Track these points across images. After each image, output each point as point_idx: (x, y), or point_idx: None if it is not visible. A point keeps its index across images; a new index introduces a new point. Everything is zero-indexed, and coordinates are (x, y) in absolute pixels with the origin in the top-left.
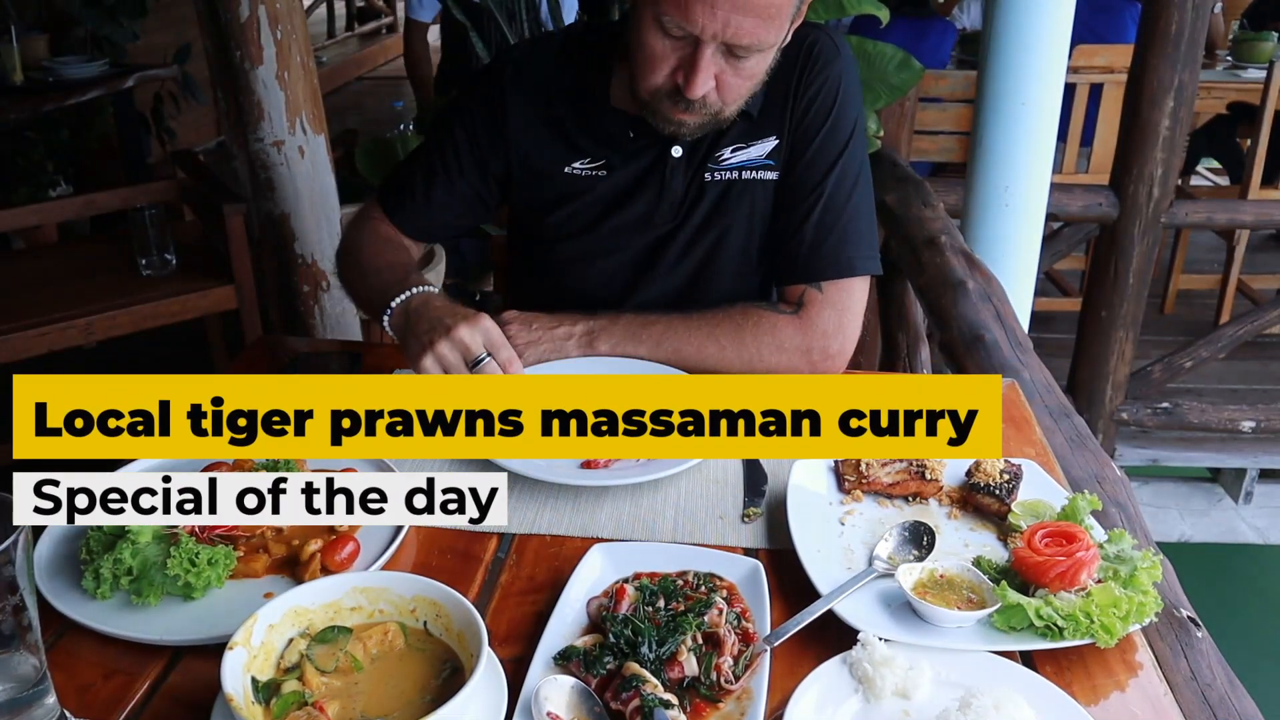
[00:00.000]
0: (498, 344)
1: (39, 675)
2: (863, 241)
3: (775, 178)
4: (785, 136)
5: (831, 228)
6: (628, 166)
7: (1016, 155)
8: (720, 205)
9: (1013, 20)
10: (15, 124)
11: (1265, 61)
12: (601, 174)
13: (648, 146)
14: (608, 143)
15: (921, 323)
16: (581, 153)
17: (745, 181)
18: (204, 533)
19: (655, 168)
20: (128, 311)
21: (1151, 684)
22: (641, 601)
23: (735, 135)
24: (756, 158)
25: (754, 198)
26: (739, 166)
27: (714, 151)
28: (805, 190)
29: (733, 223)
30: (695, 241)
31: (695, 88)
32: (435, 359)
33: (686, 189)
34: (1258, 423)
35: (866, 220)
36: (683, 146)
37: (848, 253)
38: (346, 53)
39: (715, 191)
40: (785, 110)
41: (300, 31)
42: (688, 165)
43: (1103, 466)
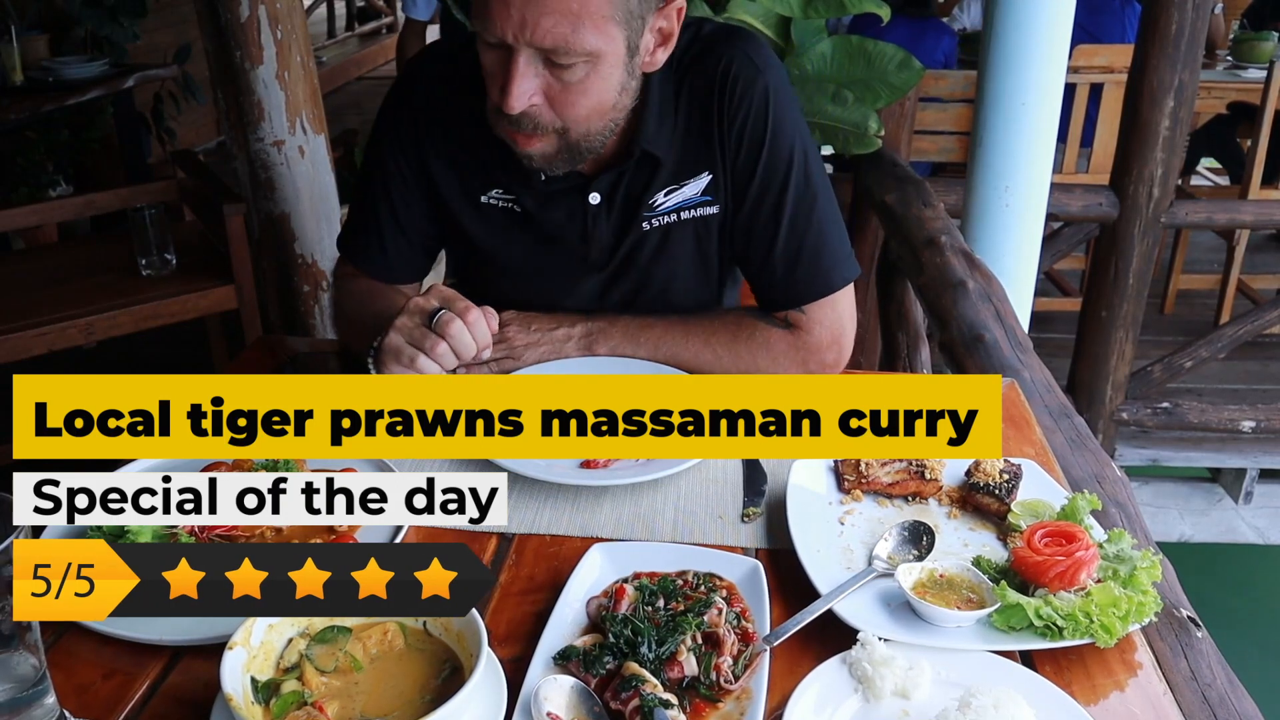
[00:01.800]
0: (450, 298)
1: (38, 675)
2: (835, 253)
3: (717, 211)
4: (720, 169)
5: (799, 252)
6: (543, 207)
7: (1016, 155)
8: (664, 248)
9: (1013, 20)
10: (15, 124)
11: (1265, 61)
12: (516, 209)
13: (562, 190)
14: (519, 174)
15: (921, 323)
16: (493, 182)
17: (685, 221)
18: (204, 533)
19: (575, 215)
20: (128, 311)
21: (1151, 684)
22: (641, 601)
23: (663, 180)
24: (692, 196)
25: (697, 234)
26: (676, 208)
27: (647, 199)
28: (763, 221)
29: (680, 262)
30: (645, 284)
31: (510, 98)
32: (395, 330)
33: (621, 236)
34: (1258, 423)
35: (833, 229)
36: (602, 194)
37: (823, 271)
38: (346, 53)
39: (657, 237)
40: (713, 143)
41: (300, 31)
42: (613, 213)
43: (1103, 466)
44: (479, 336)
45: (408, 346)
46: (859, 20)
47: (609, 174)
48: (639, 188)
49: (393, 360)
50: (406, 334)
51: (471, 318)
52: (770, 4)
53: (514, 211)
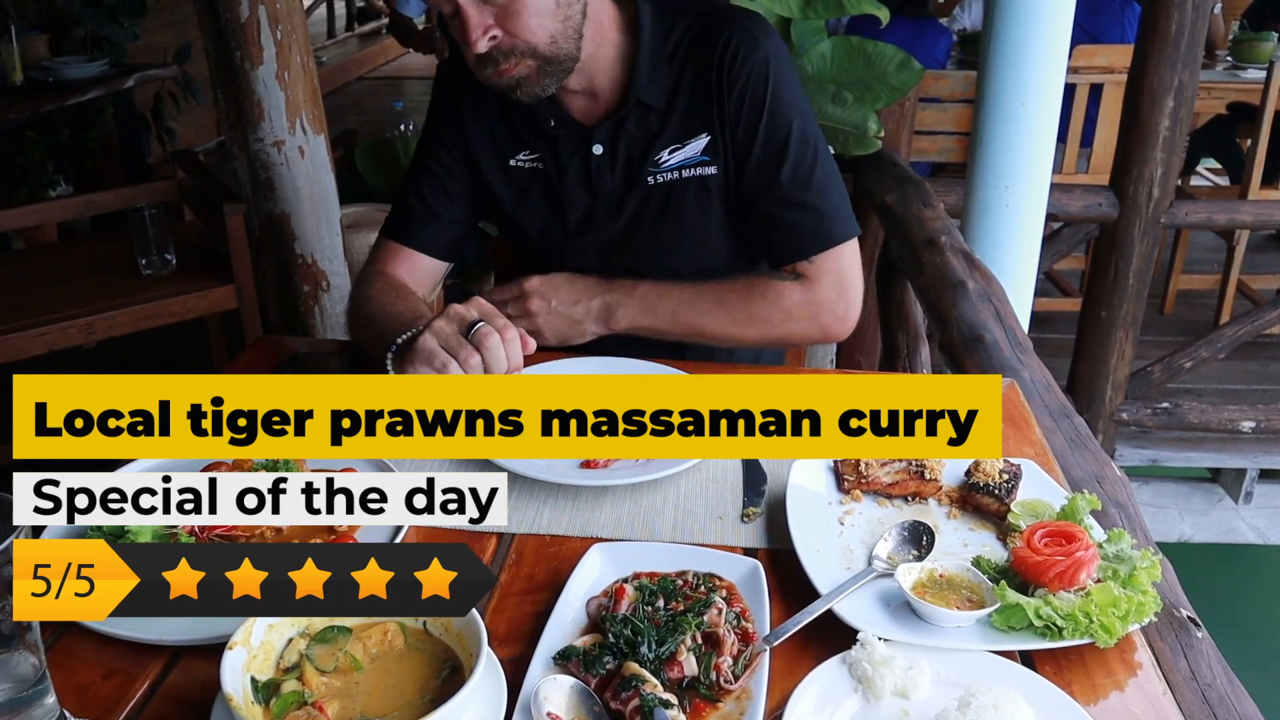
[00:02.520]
0: (490, 313)
1: (38, 675)
2: (836, 211)
3: (715, 172)
4: (719, 132)
5: (802, 209)
6: (559, 159)
7: (1016, 155)
8: (668, 205)
9: (1013, 20)
10: (15, 124)
11: (1265, 61)
12: (539, 166)
13: (569, 137)
14: (538, 133)
15: (921, 323)
16: (523, 144)
17: (686, 180)
18: (204, 533)
19: (583, 165)
20: (128, 311)
21: (1151, 684)
22: (641, 601)
23: (667, 138)
24: (693, 156)
25: (698, 193)
26: (678, 166)
27: (652, 155)
28: (766, 182)
29: (686, 219)
30: (654, 242)
31: (471, 39)
32: (432, 333)
33: (628, 191)
34: (1258, 423)
35: (835, 188)
36: (603, 144)
37: (826, 226)
38: (346, 53)
39: (661, 193)
40: (712, 108)
41: (300, 31)
42: (616, 166)
43: (1103, 466)
44: (512, 356)
45: (441, 351)
46: (856, 21)
47: (607, 123)
48: (641, 141)
49: (423, 362)
50: (443, 339)
51: (509, 335)
52: (770, 4)
53: (539, 170)
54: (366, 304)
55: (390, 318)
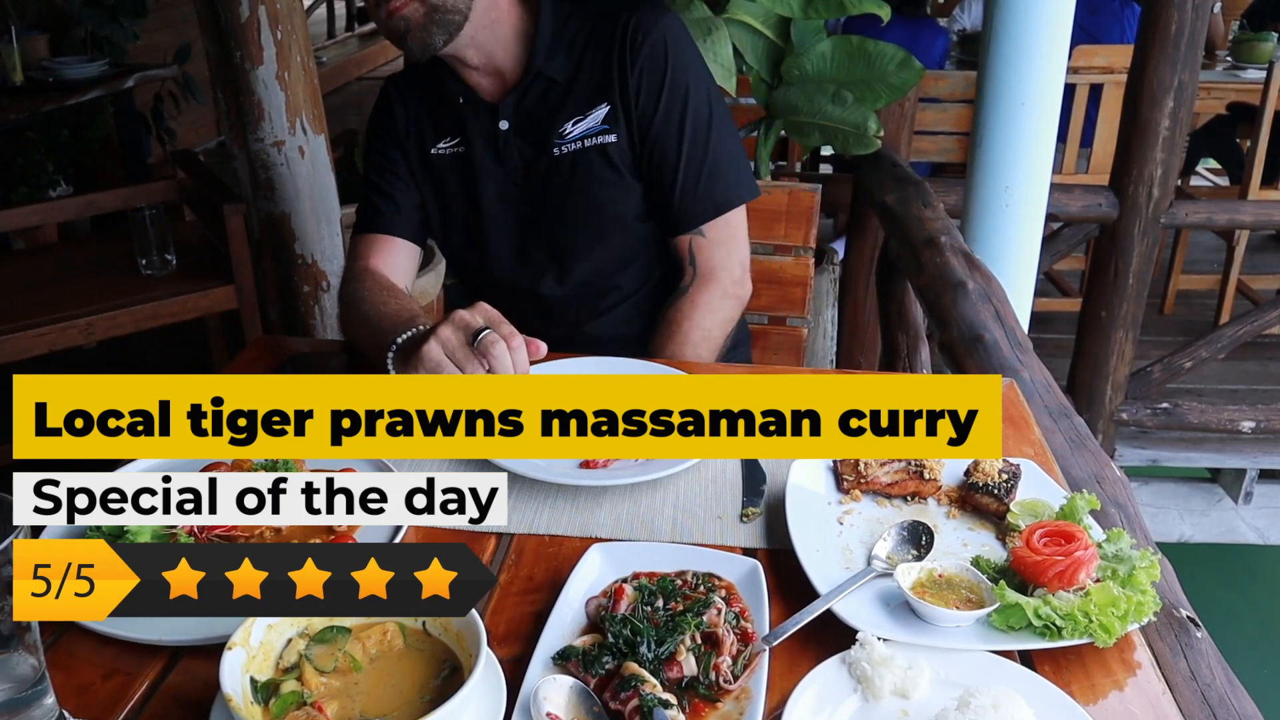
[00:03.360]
0: (496, 319)
1: (38, 675)
2: (732, 175)
3: (615, 140)
4: (618, 102)
5: (699, 175)
6: (472, 139)
7: (1016, 155)
8: (575, 174)
9: (1013, 20)
10: (15, 124)
11: (1265, 62)
12: (459, 149)
13: (478, 115)
14: (455, 117)
15: (921, 323)
16: (443, 132)
17: (589, 149)
18: (203, 533)
19: (491, 140)
20: (128, 311)
21: (1150, 683)
22: (640, 601)
23: (569, 110)
24: (594, 125)
25: (602, 161)
26: (581, 136)
27: (556, 127)
28: (665, 152)
29: (593, 187)
30: (567, 210)
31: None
32: (438, 341)
33: (534, 163)
34: (1257, 423)
35: (731, 155)
36: (509, 120)
37: (720, 191)
38: (346, 53)
39: (568, 163)
40: (613, 80)
41: (300, 31)
42: (523, 139)
43: (1102, 467)
44: (519, 363)
45: (447, 362)
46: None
47: (510, 97)
48: (544, 114)
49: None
50: (449, 348)
51: (515, 343)
52: (770, 4)
53: (459, 154)
54: (359, 304)
55: (385, 317)
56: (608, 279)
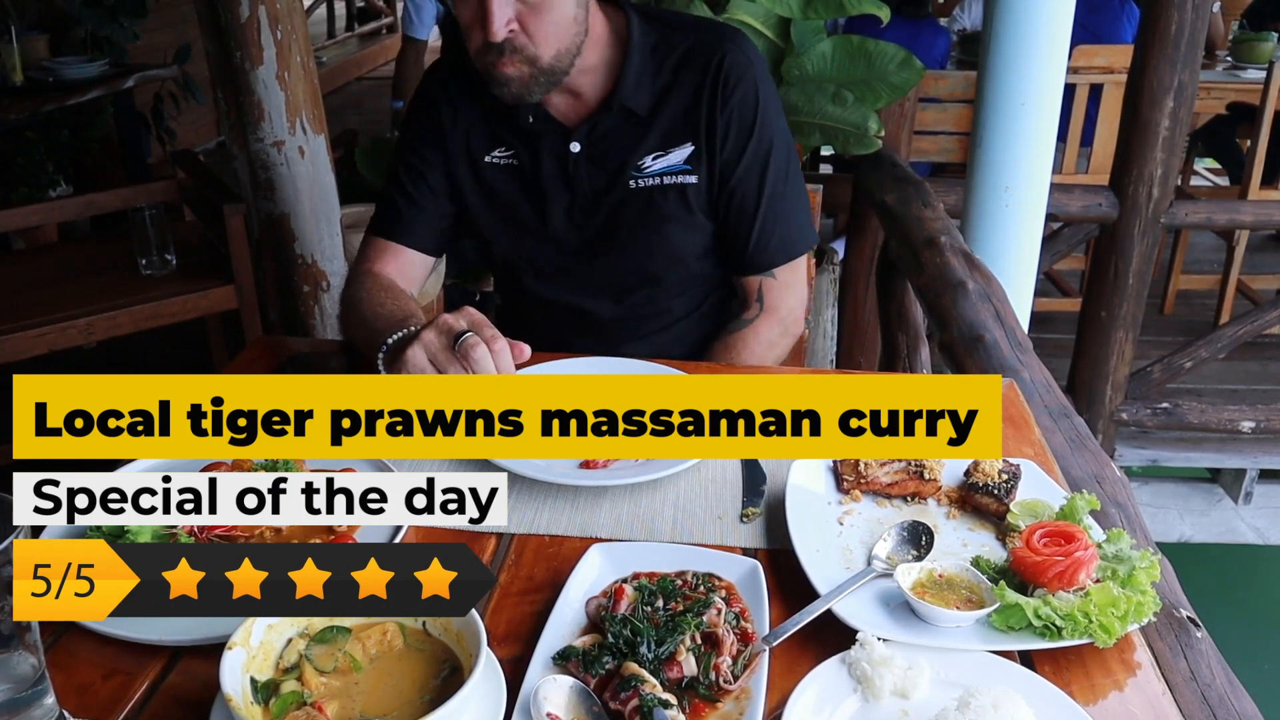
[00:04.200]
0: (479, 322)
1: (38, 675)
2: (802, 223)
3: (695, 181)
4: (702, 144)
5: (776, 222)
6: (535, 158)
7: (1016, 155)
8: (647, 211)
9: (1013, 20)
10: (15, 124)
11: (1265, 62)
12: (514, 163)
13: (548, 134)
14: (515, 131)
15: (921, 323)
16: (498, 142)
17: (667, 186)
18: (203, 533)
19: (560, 161)
20: (128, 311)
21: (1150, 684)
22: (640, 601)
23: (651, 144)
24: (676, 163)
25: (678, 200)
26: (661, 173)
27: (635, 159)
28: (745, 197)
29: (661, 227)
30: (629, 242)
31: (493, 25)
32: (421, 345)
33: (606, 191)
34: (1257, 423)
35: (803, 202)
36: (580, 142)
37: (793, 238)
38: (346, 53)
39: (643, 197)
40: (700, 121)
41: (300, 31)
42: (595, 165)
43: (1102, 467)
44: (502, 366)
45: (430, 368)
46: (854, 21)
47: (587, 124)
48: (622, 145)
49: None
50: (430, 352)
51: (497, 346)
52: (770, 4)
53: (514, 167)
54: (358, 305)
55: (380, 318)
56: (659, 305)
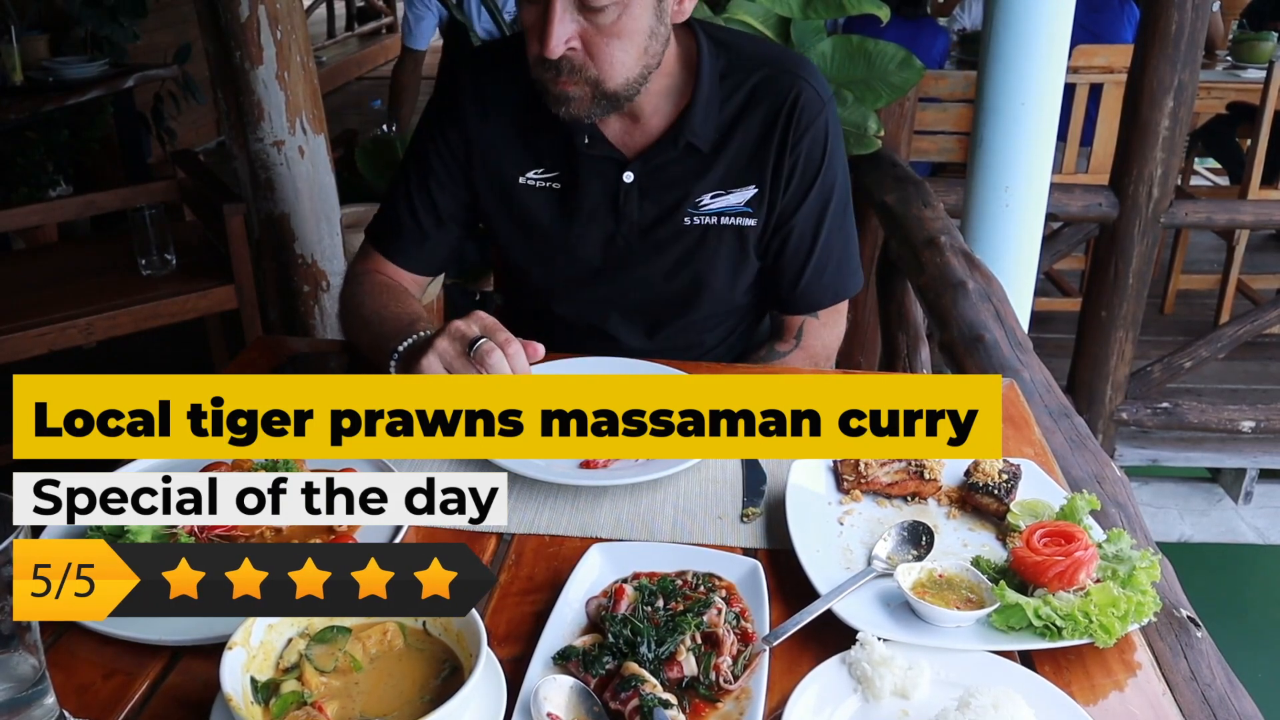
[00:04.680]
0: (492, 327)
1: (38, 675)
2: (852, 266)
3: (754, 224)
4: (766, 185)
5: (827, 263)
6: (581, 181)
7: (1016, 155)
8: (701, 246)
9: (1013, 20)
10: (15, 124)
11: (1265, 61)
12: (555, 186)
13: (599, 160)
14: (561, 151)
15: (921, 323)
16: (537, 162)
17: (724, 227)
18: (203, 533)
19: (609, 189)
20: (128, 311)
21: (1150, 684)
22: (640, 601)
23: (712, 182)
24: (735, 205)
25: (732, 243)
26: (718, 212)
27: (694, 195)
28: (803, 238)
29: (711, 265)
30: (674, 277)
31: (550, 41)
32: (436, 354)
33: (657, 225)
34: (1258, 423)
35: (853, 244)
36: (635, 173)
37: (842, 280)
38: (346, 53)
39: (696, 234)
40: (767, 164)
41: (300, 31)
42: (647, 197)
43: (1102, 466)
44: (518, 369)
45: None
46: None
47: (646, 154)
48: (683, 181)
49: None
50: (446, 360)
51: (512, 350)
52: (770, 4)
53: (552, 190)
54: (360, 306)
55: (386, 320)
56: (691, 338)
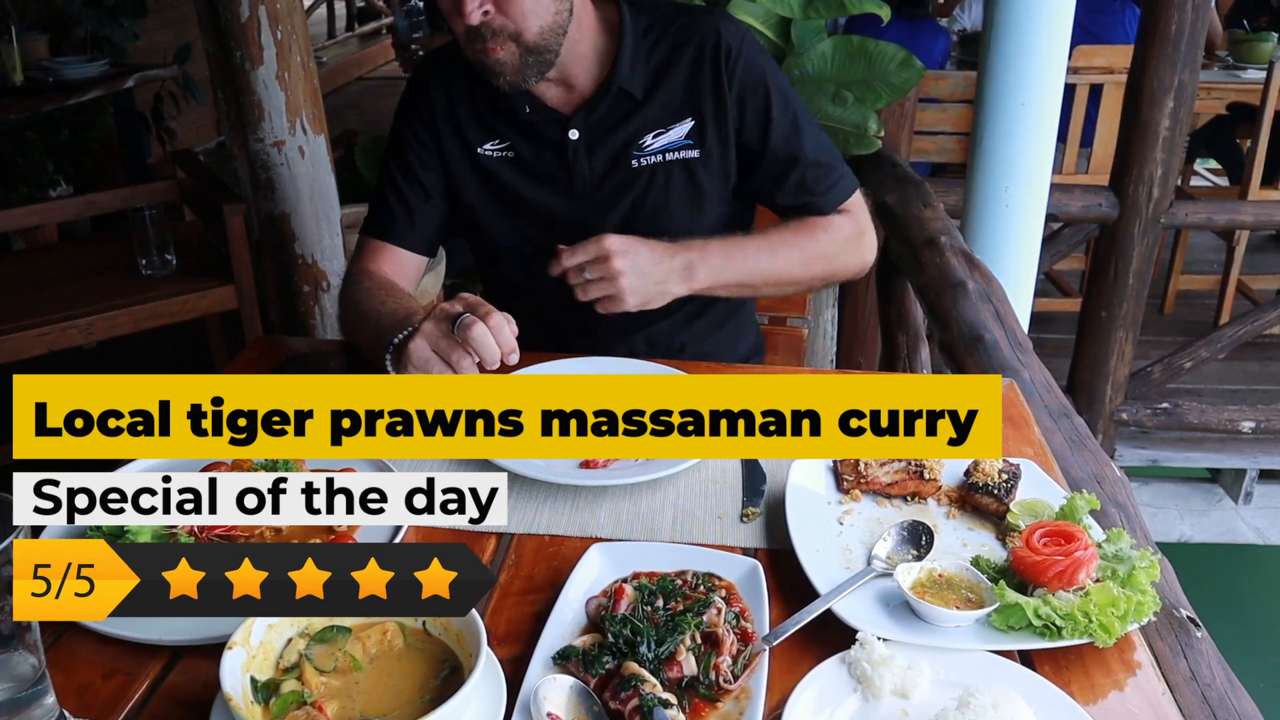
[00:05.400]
0: (474, 304)
1: (38, 675)
2: (840, 166)
3: (697, 155)
4: (707, 118)
5: (820, 173)
6: (532, 147)
7: (1016, 155)
8: (652, 186)
9: (1013, 20)
10: (15, 124)
11: (1264, 62)
12: (510, 154)
13: (544, 124)
14: (510, 122)
15: (921, 323)
16: (492, 133)
17: (670, 163)
18: (203, 533)
19: (558, 150)
20: (128, 311)
21: (1150, 683)
22: (640, 601)
23: (651, 123)
24: (677, 139)
25: (684, 175)
26: (661, 150)
27: (636, 139)
28: (787, 162)
29: (664, 204)
30: (631, 223)
31: (465, 9)
32: (421, 335)
33: (607, 174)
34: (1257, 423)
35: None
36: (579, 129)
37: (847, 175)
38: (346, 53)
39: (645, 175)
40: (702, 97)
41: (300, 31)
42: (595, 150)
43: (1102, 467)
44: (503, 341)
45: (433, 356)
46: (854, 21)
47: (583, 110)
48: (623, 128)
49: (417, 370)
50: (433, 342)
51: (494, 322)
52: (770, 4)
53: (508, 158)
54: (358, 305)
55: (383, 317)
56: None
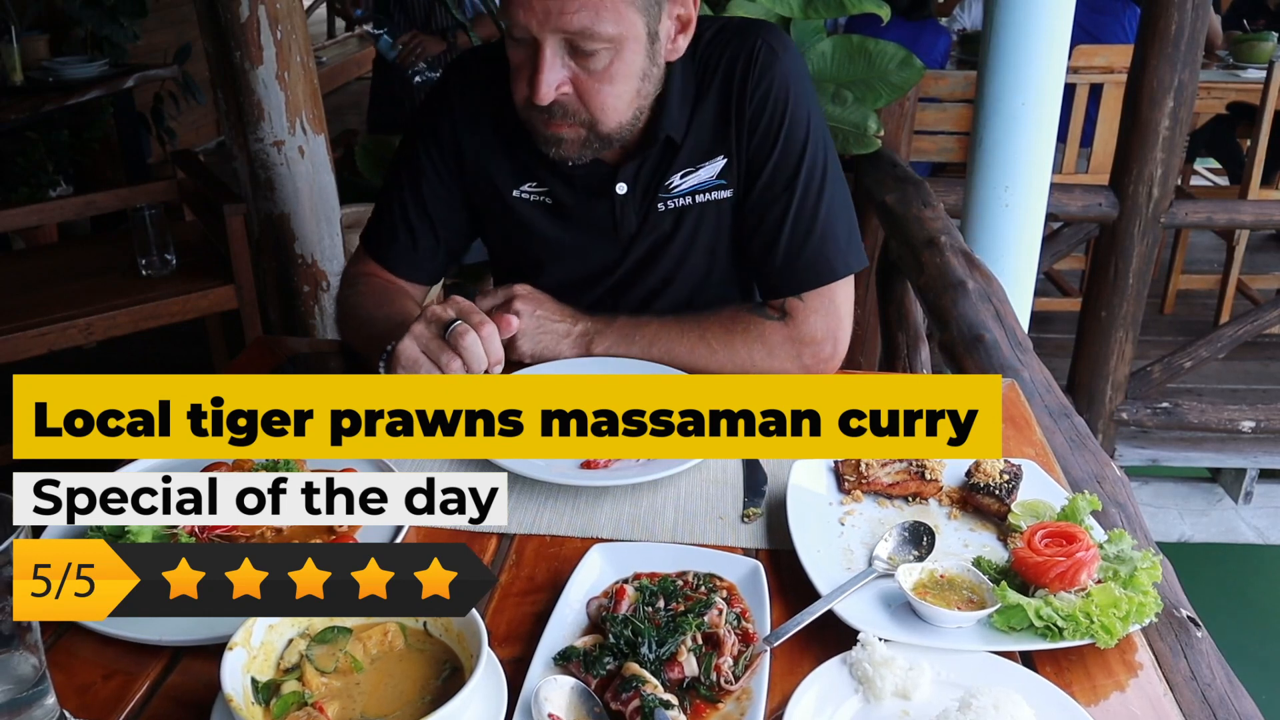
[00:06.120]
0: (467, 310)
1: (38, 675)
2: (841, 241)
3: (729, 195)
4: (735, 154)
5: (806, 236)
6: (573, 196)
7: (1016, 155)
8: (674, 233)
9: (1013, 20)
10: (15, 124)
11: (1264, 62)
12: (547, 201)
13: (589, 176)
14: (549, 166)
15: (921, 323)
16: (529, 176)
17: (700, 205)
18: (204, 533)
19: (602, 201)
20: (128, 311)
21: (1151, 684)
22: (641, 602)
23: (680, 162)
24: (707, 179)
25: (709, 220)
26: (691, 191)
27: (663, 181)
28: (772, 204)
29: (689, 248)
30: (649, 267)
31: (540, 88)
32: (411, 337)
33: (644, 219)
34: (1258, 423)
35: (843, 217)
36: (627, 182)
37: (827, 258)
38: (346, 53)
39: (670, 219)
40: (730, 127)
41: (300, 31)
42: (637, 199)
43: (1103, 466)
44: (491, 351)
45: (421, 357)
46: (854, 21)
47: (633, 163)
48: (659, 172)
49: (405, 370)
50: (422, 344)
51: (486, 331)
52: (770, 4)
53: (545, 204)
54: (355, 309)
55: (379, 321)
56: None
